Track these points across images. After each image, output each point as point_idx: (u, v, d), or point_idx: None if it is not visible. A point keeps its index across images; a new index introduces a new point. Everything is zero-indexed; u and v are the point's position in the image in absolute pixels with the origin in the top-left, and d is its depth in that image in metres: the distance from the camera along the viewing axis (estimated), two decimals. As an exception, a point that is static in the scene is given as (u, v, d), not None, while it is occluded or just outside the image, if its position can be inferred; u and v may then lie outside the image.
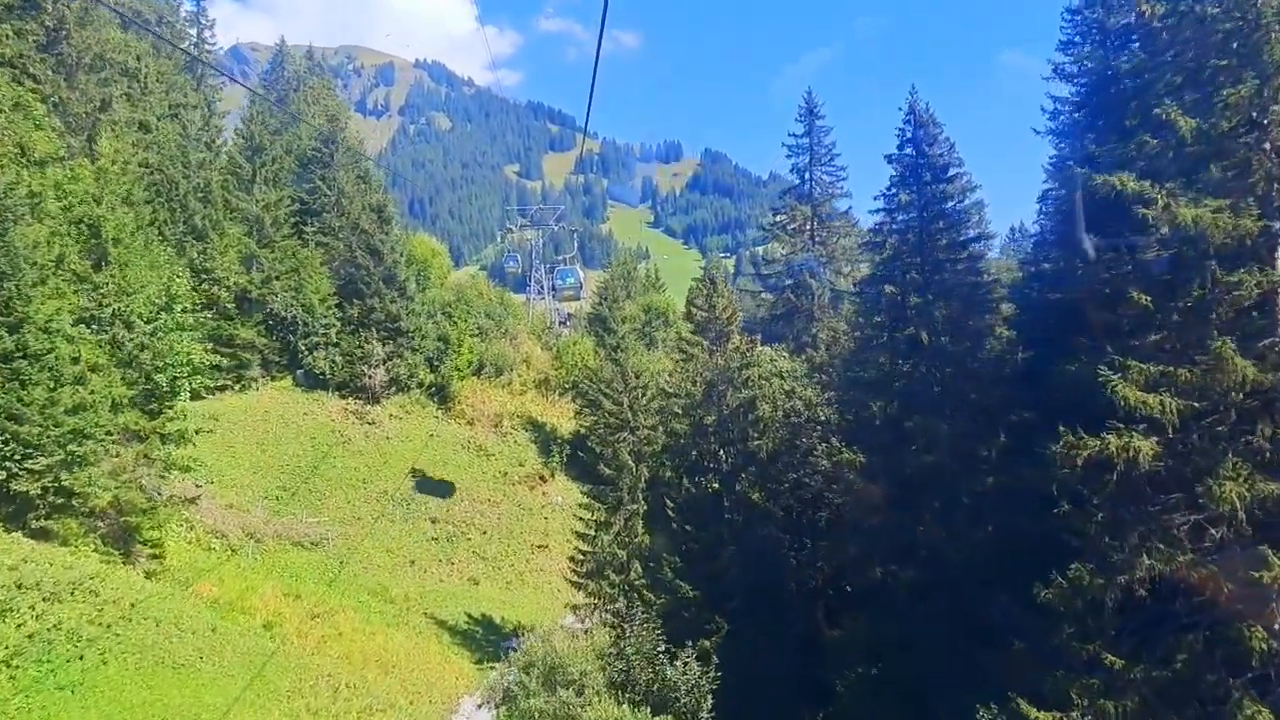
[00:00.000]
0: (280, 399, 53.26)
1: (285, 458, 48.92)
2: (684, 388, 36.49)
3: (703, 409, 36.06)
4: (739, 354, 36.14)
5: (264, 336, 53.53)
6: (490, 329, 62.21)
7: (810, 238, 49.10)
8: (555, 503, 50.93)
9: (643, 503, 35.34)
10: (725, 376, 35.71)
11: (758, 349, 37.76)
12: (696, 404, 36.12)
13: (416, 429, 53.95)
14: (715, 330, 36.41)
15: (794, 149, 49.61)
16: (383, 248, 55.80)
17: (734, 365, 35.84)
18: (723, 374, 35.79)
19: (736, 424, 35.92)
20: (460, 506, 48.86)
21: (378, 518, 46.56)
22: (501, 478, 51.80)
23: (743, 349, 35.98)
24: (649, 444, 37.00)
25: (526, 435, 56.15)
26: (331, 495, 47.47)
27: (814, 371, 40.70)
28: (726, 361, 35.94)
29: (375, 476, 49.34)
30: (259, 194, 54.98)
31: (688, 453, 36.39)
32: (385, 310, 54.97)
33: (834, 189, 49.78)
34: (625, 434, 36.05)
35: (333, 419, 52.59)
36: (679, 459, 36.83)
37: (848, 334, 45.07)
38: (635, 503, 35.45)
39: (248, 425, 50.53)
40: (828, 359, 40.43)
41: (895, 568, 30.56)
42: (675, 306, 77.13)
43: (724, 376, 35.73)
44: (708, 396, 35.96)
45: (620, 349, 50.68)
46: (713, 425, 35.99)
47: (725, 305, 36.47)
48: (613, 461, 35.61)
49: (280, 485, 47.05)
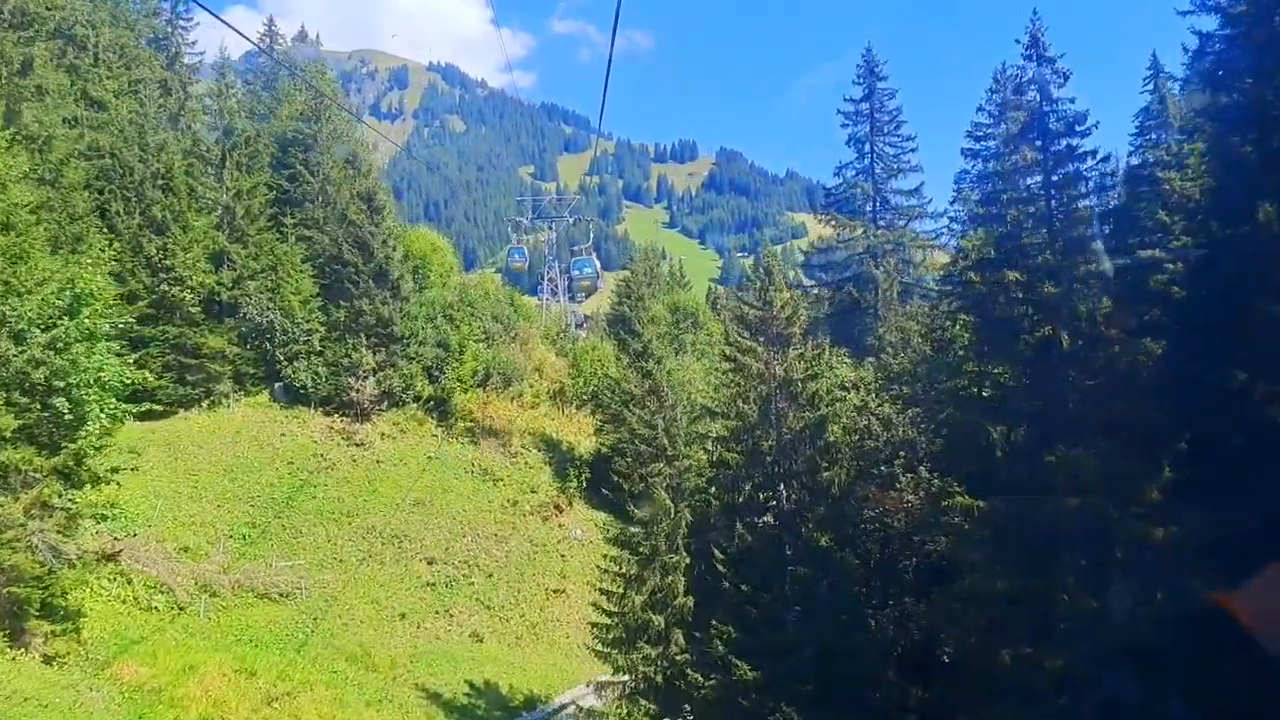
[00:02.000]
0: (254, 417, 46.06)
1: (257, 487, 41.71)
2: (733, 406, 28.85)
3: (758, 432, 28.46)
4: (803, 362, 28.50)
5: (236, 345, 46.45)
6: (498, 333, 54.80)
7: (872, 220, 41.36)
8: (573, 536, 43.46)
9: (684, 553, 27.84)
10: (787, 392, 28.11)
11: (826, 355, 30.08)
12: (750, 426, 28.50)
13: (412, 450, 46.57)
14: (772, 332, 28.78)
15: (850, 116, 41.99)
16: (373, 241, 48.47)
17: (797, 377, 28.23)
18: (783, 388, 28.20)
19: (801, 451, 28.31)
20: (462, 543, 41.43)
21: (363, 559, 39.23)
22: (510, 507, 44.33)
23: (808, 356, 28.31)
24: (690, 476, 29.43)
25: (539, 455, 48.67)
26: (309, 532, 40.19)
27: (891, 382, 33.06)
28: (787, 372, 28.32)
29: (362, 508, 41.98)
30: (230, 180, 47.82)
31: (739, 487, 28.76)
32: (376, 313, 47.64)
33: (900, 162, 42.10)
34: (660, 465, 28.51)
35: (315, 440, 45.31)
36: (728, 496, 29.20)
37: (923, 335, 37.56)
38: (675, 553, 27.94)
39: (215, 449, 43.38)
40: (908, 366, 32.78)
41: (1028, 648, 22.92)
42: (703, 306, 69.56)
43: (785, 391, 28.14)
44: (764, 417, 28.34)
45: (647, 355, 43.24)
46: (771, 452, 28.39)
47: (784, 302, 28.85)
48: (645, 500, 28.12)
49: (249, 521, 39.83)
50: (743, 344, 29.10)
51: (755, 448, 28.61)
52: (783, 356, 28.74)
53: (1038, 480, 23.55)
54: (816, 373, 28.50)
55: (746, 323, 29.43)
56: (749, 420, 28.47)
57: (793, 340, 28.71)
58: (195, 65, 65.03)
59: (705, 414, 31.73)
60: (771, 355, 28.85)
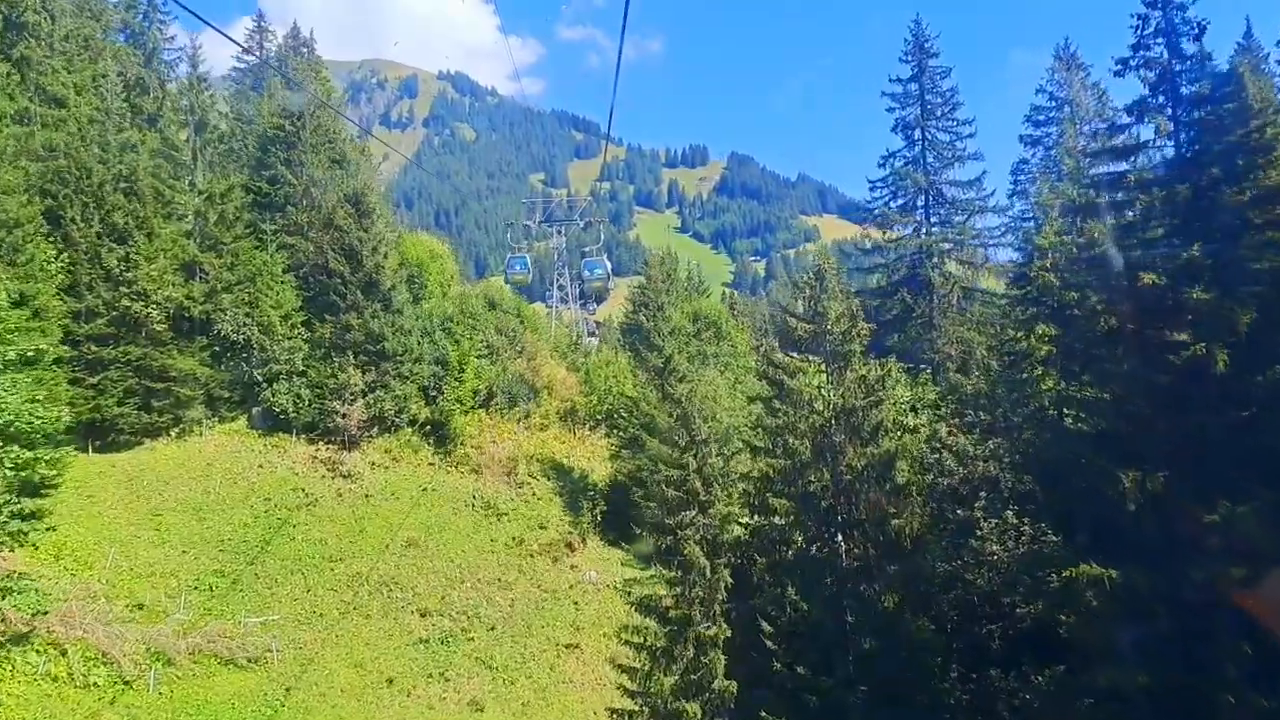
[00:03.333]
0: (229, 447, 41.22)
1: (229, 529, 36.83)
2: (780, 440, 23.68)
3: (811, 472, 23.29)
4: (864, 386, 23.31)
5: (208, 366, 41.64)
6: (502, 348, 49.73)
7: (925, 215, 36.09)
8: (587, 579, 38.26)
9: (723, 624, 22.61)
10: (846, 423, 22.94)
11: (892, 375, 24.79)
12: (801, 465, 23.33)
13: (405, 482, 41.52)
14: (826, 350, 23.63)
15: (898, 98, 36.81)
16: (362, 248, 43.57)
17: (857, 404, 23.05)
18: (841, 418, 23.04)
19: (863, 494, 23.13)
20: (460, 591, 36.28)
21: (346, 612, 34.19)
22: (516, 547, 39.17)
23: (870, 378, 23.12)
24: (729, 526, 24.25)
25: (549, 485, 43.50)
26: (286, 581, 35.19)
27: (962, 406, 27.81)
28: (845, 398, 23.15)
29: (347, 551, 36.97)
30: (203, 183, 43.04)
31: (789, 540, 23.59)
32: (365, 328, 42.68)
33: (956, 150, 36.80)
34: (692, 514, 23.30)
35: (296, 472, 40.38)
36: (776, 552, 24.01)
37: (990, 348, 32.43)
38: (712, 623, 22.71)
39: (182, 484, 38.56)
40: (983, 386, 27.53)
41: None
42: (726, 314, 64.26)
43: (844, 422, 22.98)
44: (818, 454, 23.17)
45: (669, 372, 38.06)
46: (826, 497, 23.23)
47: (840, 313, 23.66)
48: (675, 558, 22.96)
49: (218, 569, 34.90)
50: (790, 364, 23.93)
51: (807, 491, 23.44)
52: (839, 379, 23.58)
53: (1179, 540, 18.40)
54: (881, 398, 23.26)
55: (794, 338, 24.27)
56: (799, 458, 23.28)
57: (851, 359, 23.49)
58: (175, 62, 60.34)
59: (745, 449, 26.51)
60: (826, 378, 23.73)
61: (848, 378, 23.41)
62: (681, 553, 22.75)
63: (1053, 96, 40.56)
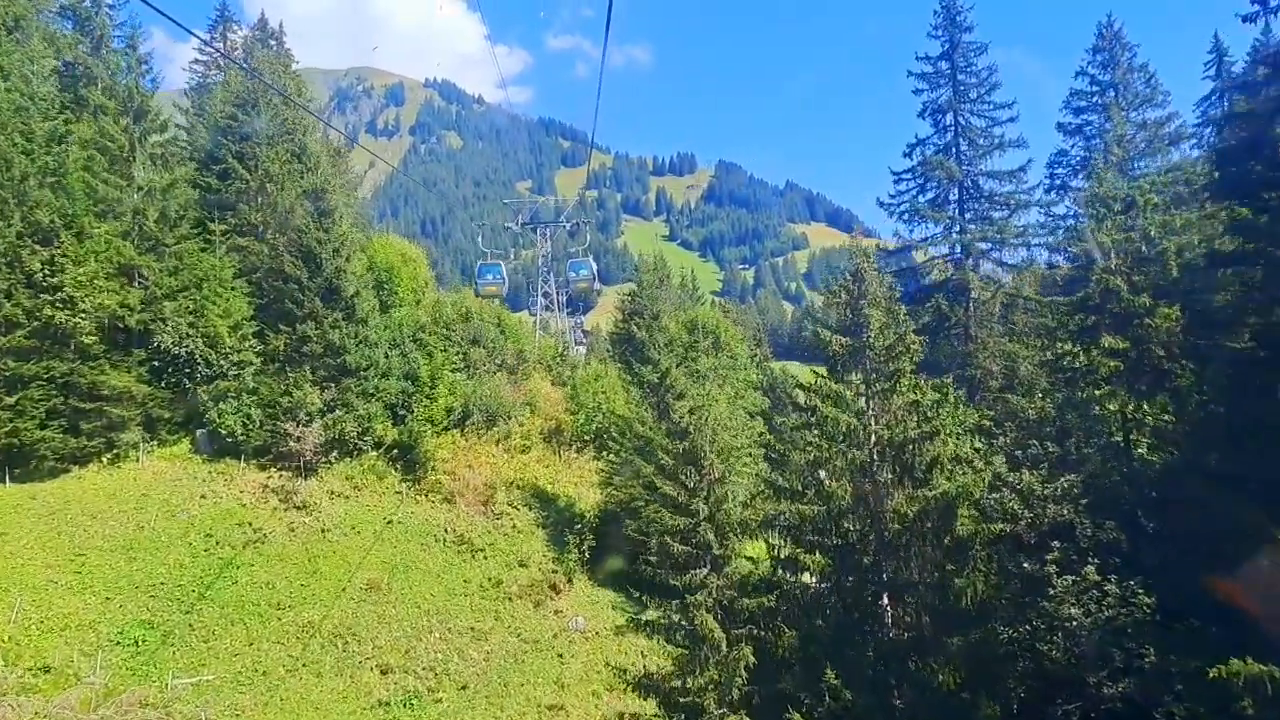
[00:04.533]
0: (168, 474, 36.50)
1: (162, 571, 32.12)
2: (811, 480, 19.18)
3: (850, 520, 18.81)
4: (915, 414, 18.84)
5: (146, 383, 36.86)
6: (480, 360, 45.10)
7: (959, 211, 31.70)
8: (574, 626, 33.59)
9: (743, 715, 18.04)
10: (895, 459, 18.48)
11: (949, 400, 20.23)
12: (838, 511, 18.84)
13: (368, 513, 36.81)
14: (868, 368, 19.18)
15: (925, 79, 32.54)
16: (321, 250, 38.90)
17: (908, 435, 18.57)
18: (889, 453, 18.57)
19: (915, 548, 18.66)
20: (428, 643, 31.57)
21: (294, 669, 29.47)
22: (492, 589, 34.47)
23: (925, 404, 18.67)
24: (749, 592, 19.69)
25: (530, 516, 38.79)
26: (225, 633, 30.40)
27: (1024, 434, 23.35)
28: (892, 429, 18.67)
29: (299, 596, 32.24)
30: (142, 177, 38.29)
31: (824, 606, 19.06)
32: (324, 339, 38.03)
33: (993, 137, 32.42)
34: (704, 572, 18.77)
35: (244, 503, 35.65)
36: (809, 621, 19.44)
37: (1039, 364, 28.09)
38: (729, 711, 18.15)
39: (112, 518, 33.83)
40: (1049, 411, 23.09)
41: None
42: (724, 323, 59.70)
43: (893, 459, 18.51)
44: (859, 498, 18.67)
45: (665, 389, 33.56)
46: (870, 551, 18.74)
47: (884, 323, 19.21)
48: (683, 627, 18.43)
49: (147, 620, 30.16)
50: (824, 388, 19.43)
51: (846, 544, 18.97)
52: (884, 405, 19.11)
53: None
54: (936, 429, 18.79)
55: (828, 354, 19.75)
56: (837, 503, 18.81)
57: (899, 380, 19.01)
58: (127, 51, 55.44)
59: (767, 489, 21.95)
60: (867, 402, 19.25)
61: (894, 403, 19.00)
62: (691, 622, 18.26)
63: (1094, 80, 36.36)
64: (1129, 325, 25.32)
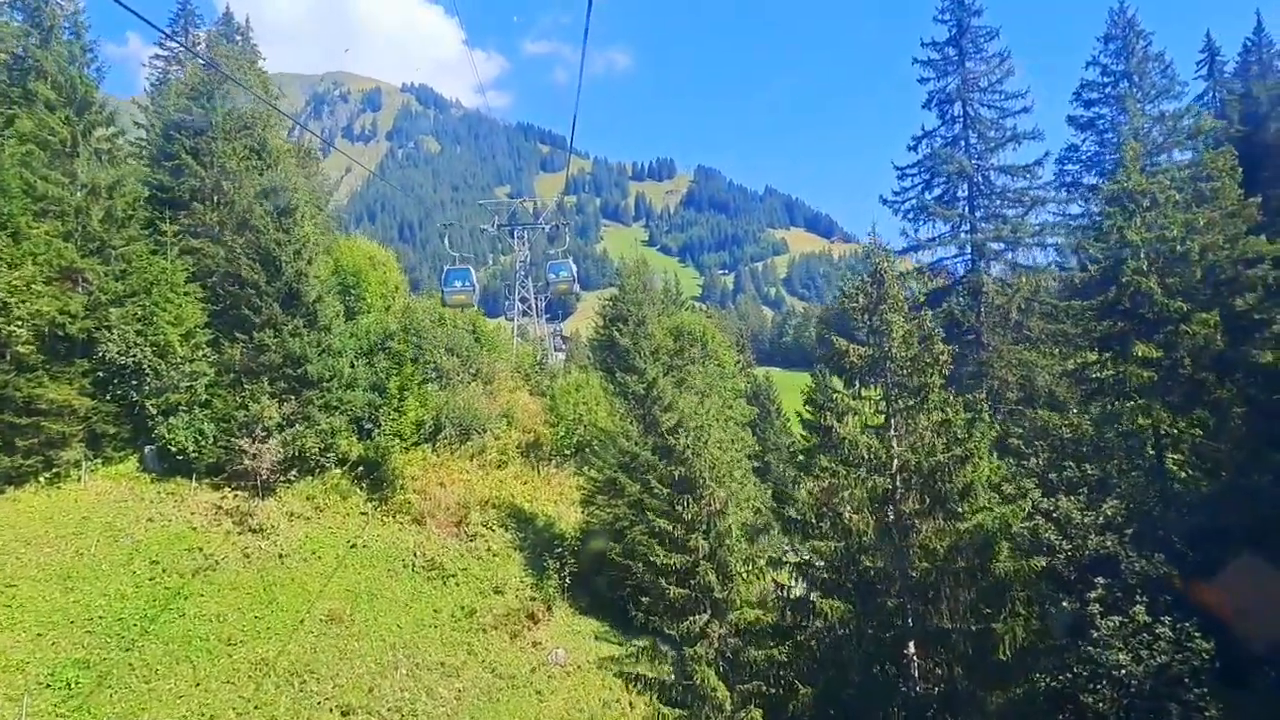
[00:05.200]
0: (113, 495, 33.58)
1: (102, 603, 29.17)
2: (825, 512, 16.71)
3: (872, 557, 16.37)
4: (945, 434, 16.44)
5: (90, 396, 33.90)
6: (454, 370, 42.43)
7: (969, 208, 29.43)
8: (554, 660, 30.93)
9: (753, 786, 15.56)
10: (925, 488, 16.06)
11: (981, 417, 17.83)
12: (857, 548, 16.38)
13: (330, 536, 34.05)
14: (889, 380, 16.76)
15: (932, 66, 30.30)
16: (281, 252, 36.15)
17: (938, 460, 16.16)
18: (916, 479, 16.15)
19: (947, 589, 16.24)
20: (394, 680, 28.83)
21: (245, 712, 26.65)
22: (465, 619, 31.78)
23: (957, 423, 16.27)
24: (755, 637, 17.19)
25: (507, 538, 36.12)
26: (169, 673, 27.52)
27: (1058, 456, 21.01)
28: (919, 452, 16.26)
29: (252, 630, 29.42)
30: (85, 173, 35.41)
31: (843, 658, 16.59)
32: (283, 348, 35.25)
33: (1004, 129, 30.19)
34: (704, 618, 16.25)
35: (194, 526, 32.80)
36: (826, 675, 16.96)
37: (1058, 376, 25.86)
38: (734, 781, 15.64)
39: (48, 544, 30.88)
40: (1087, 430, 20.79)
41: None
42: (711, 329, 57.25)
43: (921, 487, 16.09)
44: (883, 532, 16.25)
45: (654, 400, 31.11)
46: (894, 592, 16.32)
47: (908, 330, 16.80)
48: (681, 684, 15.91)
49: (81, 658, 27.20)
50: (840, 404, 16.99)
51: (867, 582, 16.53)
52: (909, 424, 16.69)
53: None
54: (970, 451, 16.38)
55: (843, 366, 17.31)
56: (858, 537, 16.36)
57: (927, 395, 16.59)
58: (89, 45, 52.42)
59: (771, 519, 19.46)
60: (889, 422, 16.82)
61: (920, 422, 16.55)
62: (689, 678, 15.72)
63: (1107, 70, 34.25)
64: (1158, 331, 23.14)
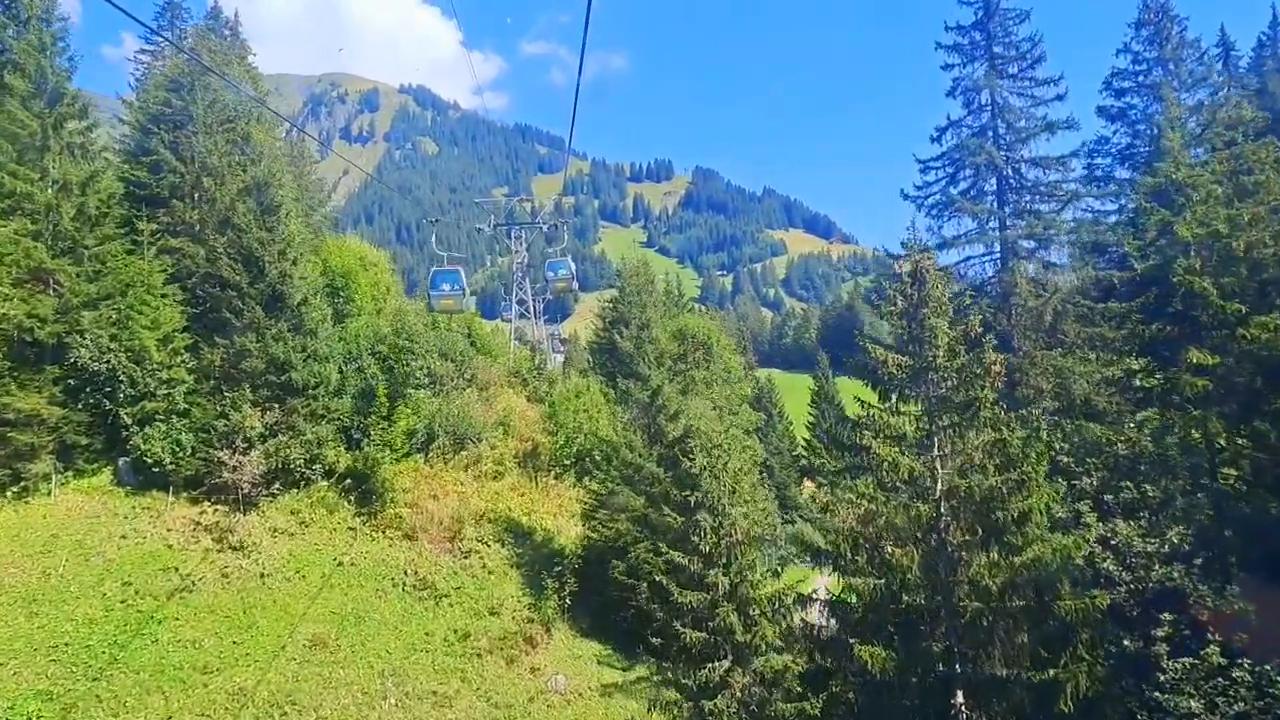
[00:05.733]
0: (85, 510, 31.60)
1: (69, 629, 27.20)
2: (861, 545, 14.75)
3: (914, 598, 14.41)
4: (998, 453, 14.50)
5: (61, 405, 31.89)
6: (448, 375, 40.45)
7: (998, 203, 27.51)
8: (554, 688, 28.94)
9: None
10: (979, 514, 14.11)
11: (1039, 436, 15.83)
12: (898, 587, 14.43)
13: (315, 554, 32.06)
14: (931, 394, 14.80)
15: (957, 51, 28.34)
16: (264, 253, 34.18)
17: (992, 485, 14.22)
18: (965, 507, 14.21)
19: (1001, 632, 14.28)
20: (382, 711, 26.81)
21: (221, 749, 24.67)
22: (459, 643, 29.78)
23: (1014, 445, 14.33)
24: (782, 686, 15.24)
25: (504, 554, 34.14)
26: (140, 705, 25.53)
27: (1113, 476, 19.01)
28: (969, 477, 14.31)
29: (230, 657, 27.42)
30: (56, 168, 33.42)
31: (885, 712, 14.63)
32: (266, 354, 33.27)
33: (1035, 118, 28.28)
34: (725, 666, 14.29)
35: (170, 544, 30.83)
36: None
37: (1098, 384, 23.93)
38: None
39: (13, 564, 29.01)
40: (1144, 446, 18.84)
41: None
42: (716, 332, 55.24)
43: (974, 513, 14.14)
44: (928, 568, 14.30)
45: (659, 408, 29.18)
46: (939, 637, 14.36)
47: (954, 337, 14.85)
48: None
49: (45, 689, 25.24)
50: (878, 421, 15.04)
51: (910, 623, 14.57)
52: (956, 444, 14.73)
53: None
54: (1027, 475, 14.41)
55: (879, 377, 15.35)
56: (900, 573, 14.38)
57: (978, 411, 14.64)
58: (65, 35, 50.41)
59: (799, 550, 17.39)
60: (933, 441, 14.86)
61: (970, 442, 14.58)
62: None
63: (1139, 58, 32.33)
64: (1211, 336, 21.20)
